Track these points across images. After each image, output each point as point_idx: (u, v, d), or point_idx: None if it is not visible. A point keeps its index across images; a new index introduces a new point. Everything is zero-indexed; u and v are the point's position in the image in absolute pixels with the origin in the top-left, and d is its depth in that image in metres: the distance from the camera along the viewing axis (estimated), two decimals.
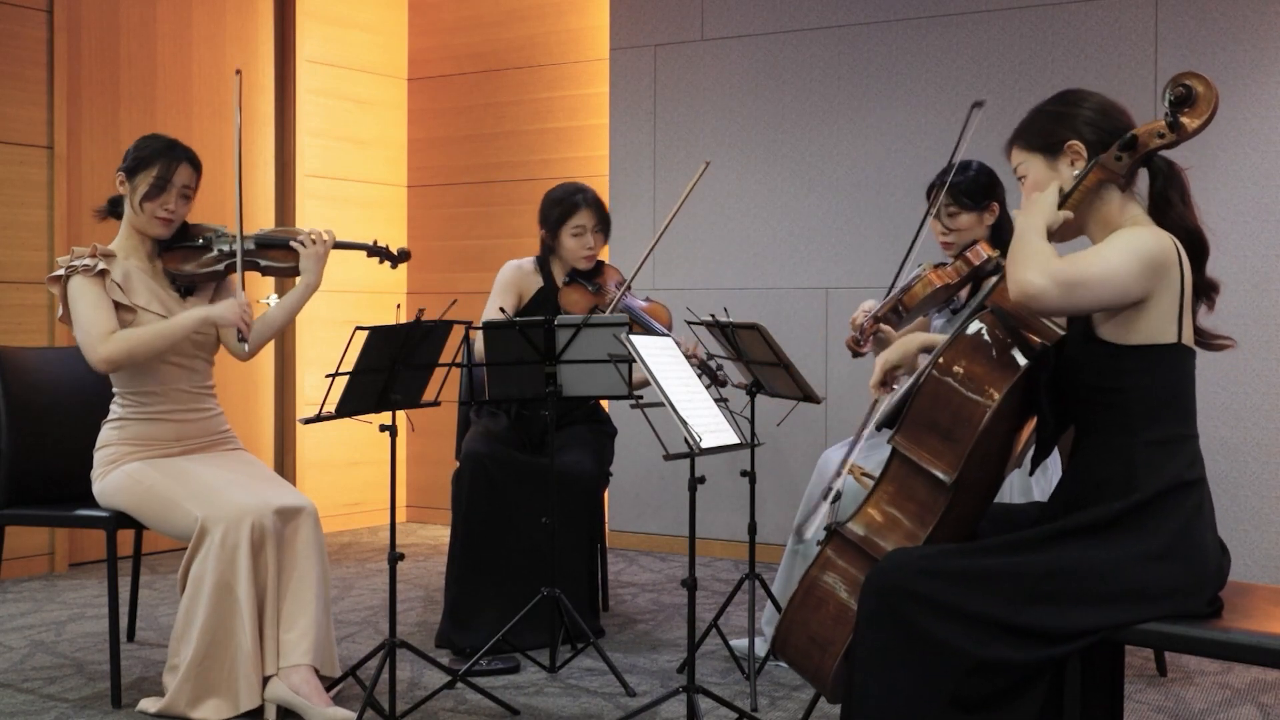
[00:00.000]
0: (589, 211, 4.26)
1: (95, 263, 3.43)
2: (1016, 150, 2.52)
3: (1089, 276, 2.27)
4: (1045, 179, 2.46)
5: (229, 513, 3.28)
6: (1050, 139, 2.45)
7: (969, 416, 2.36)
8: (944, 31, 5.29)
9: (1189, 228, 2.40)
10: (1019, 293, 2.30)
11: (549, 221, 4.29)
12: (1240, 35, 4.76)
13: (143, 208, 3.50)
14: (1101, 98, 2.48)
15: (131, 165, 3.50)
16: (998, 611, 2.25)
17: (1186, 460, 2.36)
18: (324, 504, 6.26)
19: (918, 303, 3.56)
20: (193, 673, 3.26)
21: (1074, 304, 2.30)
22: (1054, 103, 2.50)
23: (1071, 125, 2.44)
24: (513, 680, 3.74)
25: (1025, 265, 2.31)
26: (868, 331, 3.56)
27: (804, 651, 2.50)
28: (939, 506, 2.41)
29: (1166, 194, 2.42)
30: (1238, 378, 4.70)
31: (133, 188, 3.50)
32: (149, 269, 3.57)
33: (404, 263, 3.85)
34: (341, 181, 6.42)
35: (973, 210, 3.68)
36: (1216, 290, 2.45)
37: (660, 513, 5.87)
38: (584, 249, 4.26)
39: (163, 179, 3.48)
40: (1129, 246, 2.30)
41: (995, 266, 3.62)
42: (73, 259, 3.47)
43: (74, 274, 3.44)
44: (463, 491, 4.05)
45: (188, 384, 3.58)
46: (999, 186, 3.72)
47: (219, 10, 5.97)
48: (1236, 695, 3.64)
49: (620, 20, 5.99)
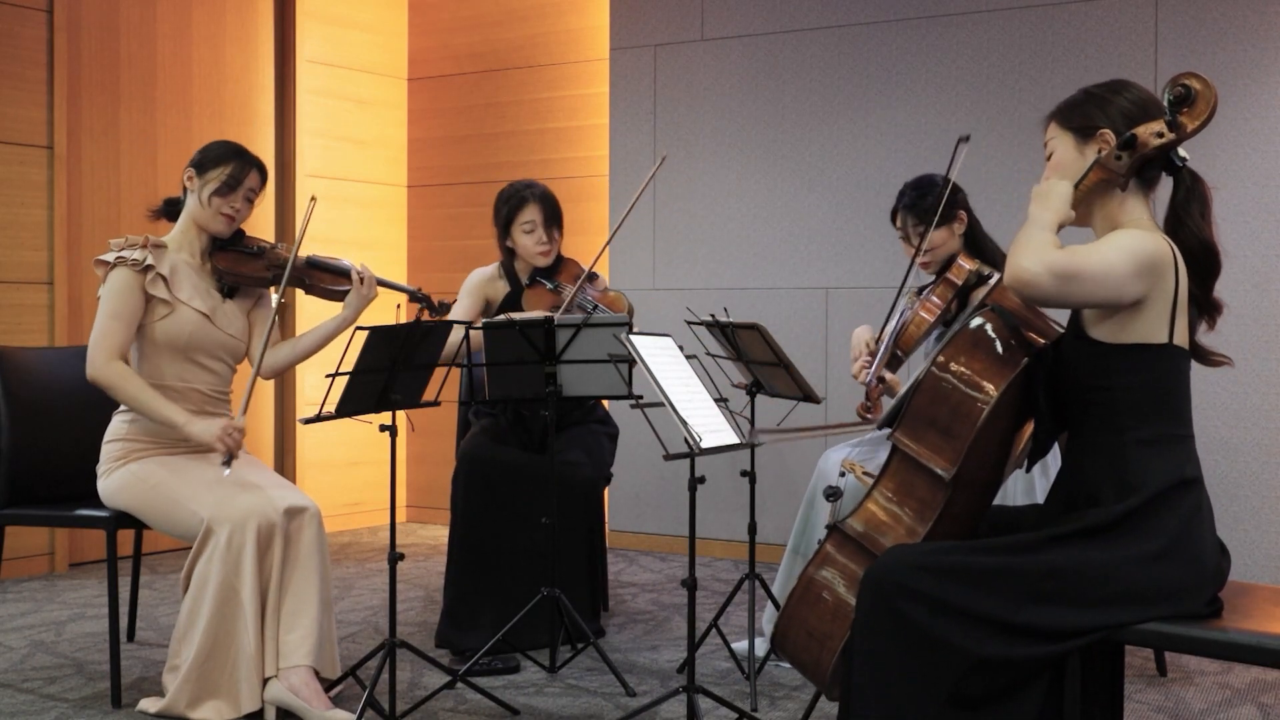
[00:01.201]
0: (536, 206, 4.20)
1: (144, 255, 3.45)
2: (1053, 125, 2.50)
3: (1085, 270, 2.27)
4: (1070, 161, 2.45)
5: (234, 514, 3.28)
6: (1086, 121, 2.44)
7: (967, 413, 2.38)
8: (944, 31, 5.29)
9: (1204, 241, 2.39)
10: (1013, 278, 2.30)
11: (500, 221, 4.26)
12: (1240, 35, 4.76)
13: (210, 202, 3.54)
14: (1145, 92, 2.45)
15: (204, 161, 3.57)
16: (996, 610, 2.25)
17: (1180, 460, 2.36)
18: (324, 504, 6.25)
19: (915, 342, 3.62)
20: (194, 673, 3.26)
21: (1066, 295, 2.30)
22: (1101, 86, 2.48)
23: (1106, 113, 2.42)
24: (513, 680, 3.74)
25: (1023, 252, 2.30)
26: (876, 392, 3.59)
27: (802, 646, 2.51)
28: (938, 503, 2.43)
29: (1188, 205, 2.41)
30: (1238, 378, 4.70)
31: (203, 182, 3.55)
32: (198, 266, 3.60)
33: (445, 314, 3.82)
34: (341, 181, 6.42)
35: (941, 226, 3.71)
36: (1219, 311, 2.44)
37: (660, 513, 5.87)
38: (538, 245, 4.21)
39: (235, 178, 3.55)
40: (1125, 247, 2.30)
41: (978, 278, 3.65)
42: (124, 246, 3.48)
43: (120, 265, 3.45)
44: (460, 493, 4.05)
45: (205, 385, 3.58)
46: (960, 194, 3.76)
47: (219, 10, 5.97)
48: (1236, 695, 3.64)
49: (620, 20, 5.99)
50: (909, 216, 3.74)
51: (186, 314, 3.50)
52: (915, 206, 3.72)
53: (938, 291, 3.64)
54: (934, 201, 3.66)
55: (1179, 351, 2.37)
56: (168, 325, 3.49)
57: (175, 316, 3.49)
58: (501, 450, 4.11)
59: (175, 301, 3.49)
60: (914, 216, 3.72)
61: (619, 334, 3.24)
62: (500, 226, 4.26)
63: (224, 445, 3.37)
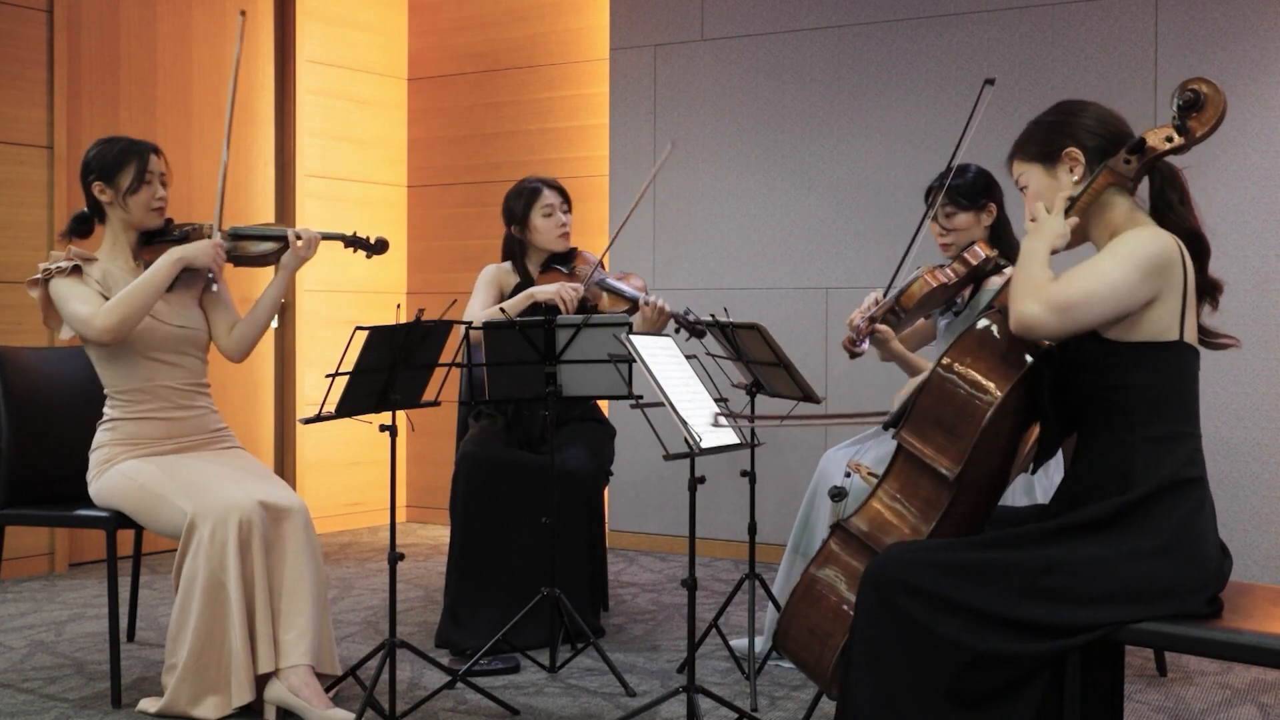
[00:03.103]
0: (552, 191, 4.33)
1: (69, 264, 3.49)
2: (1017, 162, 2.57)
3: (1084, 295, 2.31)
4: (1045, 187, 2.50)
5: (216, 508, 3.28)
6: (1047, 147, 2.50)
7: (972, 413, 2.39)
8: (944, 31, 5.29)
9: (1189, 229, 2.43)
10: (1018, 324, 2.36)
11: (516, 213, 4.33)
12: (1240, 35, 4.76)
13: (128, 202, 3.56)
14: (1099, 106, 2.51)
15: (106, 170, 3.55)
16: (995, 605, 2.26)
17: (1186, 458, 2.36)
18: (324, 504, 6.27)
19: (915, 303, 3.57)
20: (190, 671, 3.26)
21: (1074, 325, 2.34)
22: (1051, 113, 2.55)
23: (1070, 133, 2.48)
24: (513, 680, 3.74)
25: (1022, 296, 2.36)
26: (863, 332, 3.57)
27: (804, 644, 2.51)
28: (943, 502, 2.43)
29: (1166, 195, 2.45)
30: (1238, 377, 4.70)
31: (116, 188, 3.55)
32: (132, 269, 3.61)
33: (380, 253, 3.82)
34: (341, 181, 6.42)
35: (969, 210, 3.70)
36: (1219, 290, 2.47)
37: (660, 513, 5.87)
38: (558, 226, 4.31)
39: (142, 171, 3.56)
40: (1129, 254, 2.31)
41: (994, 266, 3.63)
42: (49, 264, 3.52)
43: (51, 277, 3.50)
44: (460, 493, 4.05)
45: (176, 381, 3.59)
46: (996, 188, 3.74)
47: (219, 10, 5.97)
48: (1236, 695, 3.64)
49: (620, 20, 5.99)
50: (943, 196, 3.69)
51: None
52: (953, 188, 3.69)
53: (952, 266, 3.62)
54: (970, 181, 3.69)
55: (1189, 349, 2.38)
56: None
57: None
58: (501, 450, 4.11)
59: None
60: (947, 196, 3.70)
61: (619, 334, 3.24)
62: (517, 220, 4.33)
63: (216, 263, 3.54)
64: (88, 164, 3.57)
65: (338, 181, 6.40)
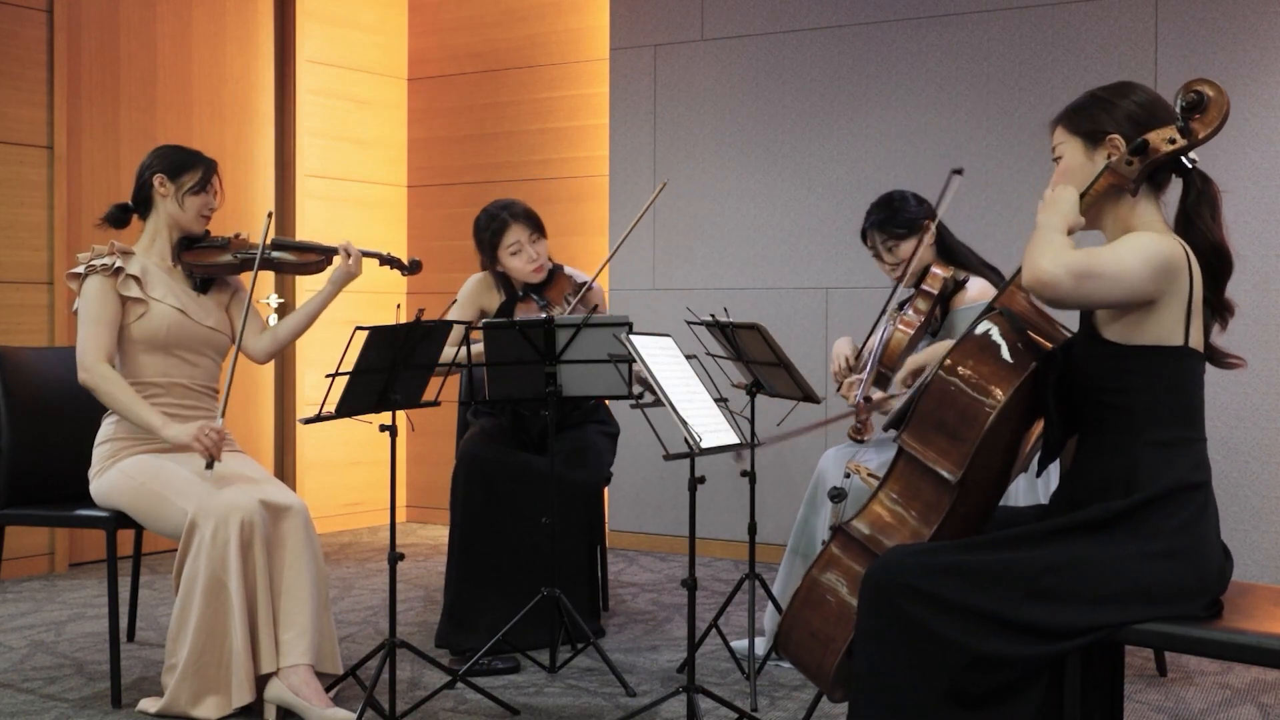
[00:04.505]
0: (518, 226, 4.14)
1: (113, 260, 3.53)
2: (1060, 129, 2.49)
3: (1101, 270, 2.28)
4: (1079, 167, 2.44)
5: (218, 508, 3.29)
6: (1093, 126, 2.43)
7: (974, 416, 2.38)
8: (944, 31, 5.29)
9: (1215, 243, 2.39)
10: (1033, 279, 2.30)
11: (484, 248, 4.21)
12: (1240, 35, 4.76)
13: (185, 201, 3.63)
14: (1153, 94, 2.44)
15: (174, 167, 3.64)
16: (996, 606, 2.25)
17: (1191, 463, 2.35)
18: (324, 504, 6.27)
19: (899, 355, 3.65)
20: (190, 671, 3.26)
21: (1084, 295, 2.30)
22: (1107, 89, 2.47)
23: (1114, 116, 2.42)
24: (513, 680, 3.74)
25: (1041, 254, 2.30)
26: (864, 413, 3.66)
27: (805, 648, 2.50)
28: (944, 505, 2.42)
29: (1198, 208, 2.41)
30: (1239, 378, 4.70)
31: (178, 185, 3.62)
32: (169, 268, 3.66)
33: (414, 274, 3.93)
34: (341, 181, 6.42)
35: (909, 237, 3.78)
36: (1231, 312, 2.44)
37: (660, 513, 5.87)
38: (528, 264, 4.16)
39: (207, 178, 3.67)
40: (1138, 249, 2.30)
41: (955, 285, 3.71)
42: (92, 257, 3.55)
43: (92, 273, 3.53)
44: (459, 493, 4.05)
45: (189, 379, 3.61)
46: (924, 204, 3.85)
47: (219, 10, 5.97)
48: (1236, 695, 3.64)
49: (620, 20, 5.99)
50: (877, 234, 3.80)
51: (162, 310, 3.56)
52: (883, 224, 3.79)
53: (915, 305, 3.69)
54: (901, 216, 3.76)
55: (1194, 354, 2.37)
56: (145, 324, 3.55)
57: (151, 314, 3.55)
58: (501, 450, 4.11)
59: (149, 300, 3.56)
60: (882, 233, 3.79)
61: (619, 334, 3.24)
62: (486, 253, 4.22)
63: (201, 445, 3.38)
64: (154, 159, 3.66)
65: (338, 181, 6.39)
